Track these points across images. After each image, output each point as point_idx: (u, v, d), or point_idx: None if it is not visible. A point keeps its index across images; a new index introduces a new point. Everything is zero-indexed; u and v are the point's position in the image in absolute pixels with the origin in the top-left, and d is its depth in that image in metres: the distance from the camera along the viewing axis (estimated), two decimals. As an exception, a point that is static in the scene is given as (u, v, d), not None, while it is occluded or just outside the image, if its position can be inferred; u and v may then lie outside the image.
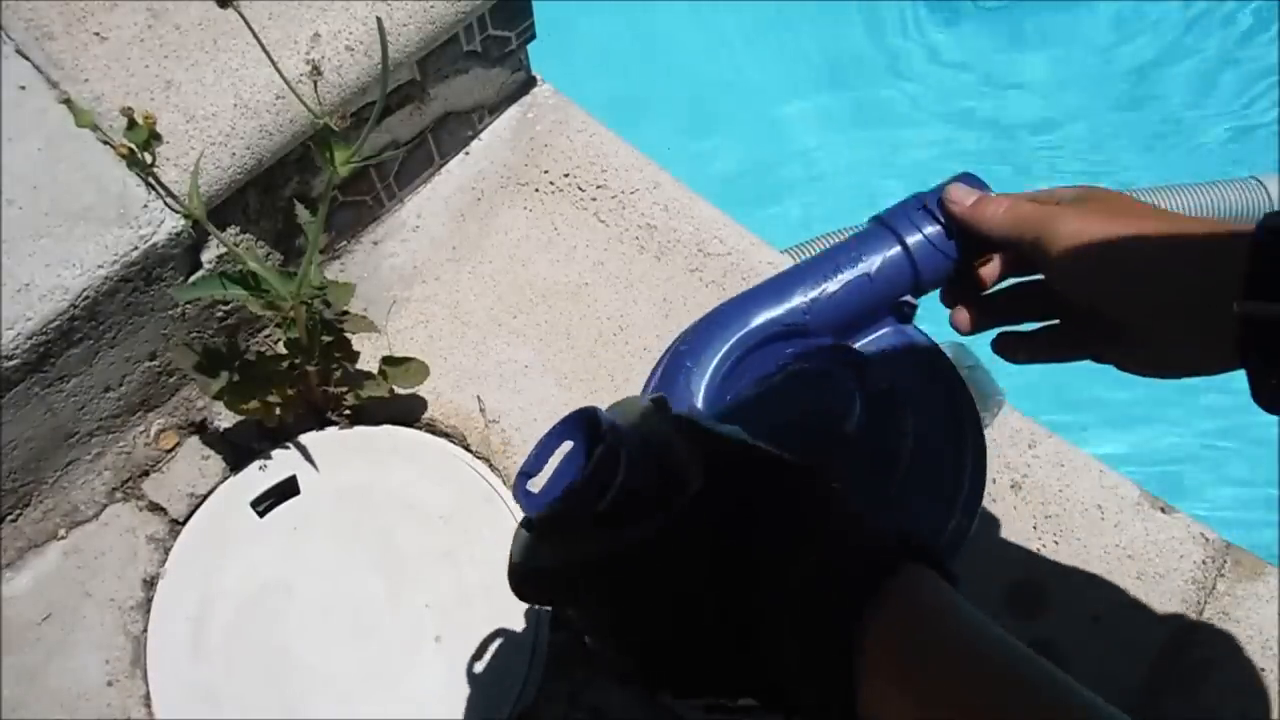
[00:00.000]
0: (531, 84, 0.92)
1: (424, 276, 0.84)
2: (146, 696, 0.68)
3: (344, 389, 0.74)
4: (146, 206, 0.66)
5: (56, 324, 0.64)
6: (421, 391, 0.77)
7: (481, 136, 0.91)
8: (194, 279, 0.70)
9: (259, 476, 0.74)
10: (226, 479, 0.75)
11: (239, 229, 0.73)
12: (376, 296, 0.83)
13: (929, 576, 0.34)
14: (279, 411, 0.72)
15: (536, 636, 0.69)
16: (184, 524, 0.73)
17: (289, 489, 0.74)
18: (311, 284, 0.63)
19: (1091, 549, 0.73)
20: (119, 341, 0.69)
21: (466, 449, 0.77)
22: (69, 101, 0.64)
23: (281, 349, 0.69)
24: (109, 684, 0.69)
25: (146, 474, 0.76)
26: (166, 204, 0.66)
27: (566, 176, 0.88)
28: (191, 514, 0.74)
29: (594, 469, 0.34)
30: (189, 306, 0.72)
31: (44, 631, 0.70)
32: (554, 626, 0.70)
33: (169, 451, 0.76)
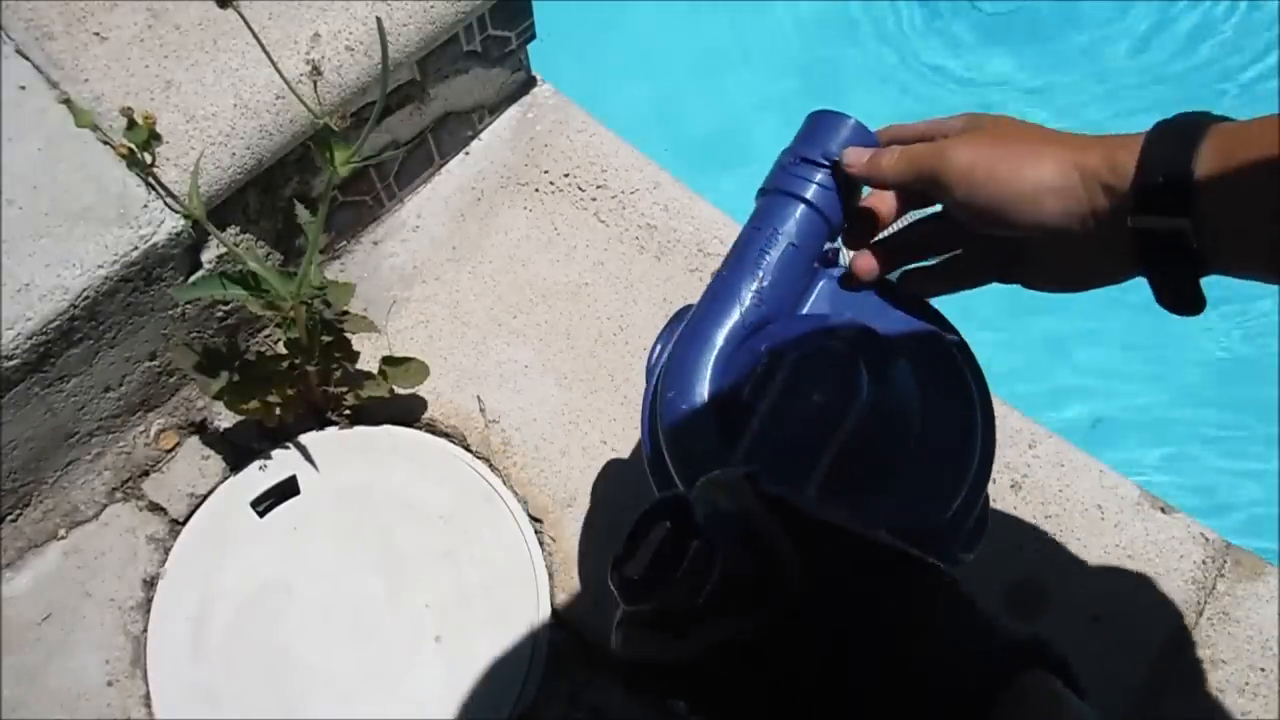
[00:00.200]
0: (531, 84, 0.92)
1: (424, 276, 0.84)
2: (146, 696, 0.68)
3: (344, 389, 0.74)
4: (146, 206, 0.66)
5: (56, 324, 0.64)
6: (421, 391, 0.77)
7: (481, 136, 0.91)
8: (194, 279, 0.70)
9: (259, 476, 0.74)
10: (226, 479, 0.75)
11: (239, 229, 0.73)
12: (376, 296, 0.83)
13: (1047, 684, 0.31)
14: (279, 411, 0.72)
15: (536, 636, 0.69)
16: (184, 524, 0.73)
17: (289, 489, 0.74)
18: (311, 284, 0.63)
19: (1091, 549, 0.73)
20: (119, 341, 0.69)
21: (466, 449, 0.77)
22: (69, 101, 0.64)
23: (281, 349, 0.69)
24: (109, 684, 0.69)
25: (146, 474, 0.76)
26: (166, 204, 0.66)
27: (566, 176, 0.88)
28: (191, 514, 0.74)
29: (691, 564, 0.33)
30: (189, 306, 0.72)
31: (44, 631, 0.70)
32: (554, 626, 0.70)
33: (169, 451, 0.76)
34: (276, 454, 0.75)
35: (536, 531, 0.73)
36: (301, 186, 0.77)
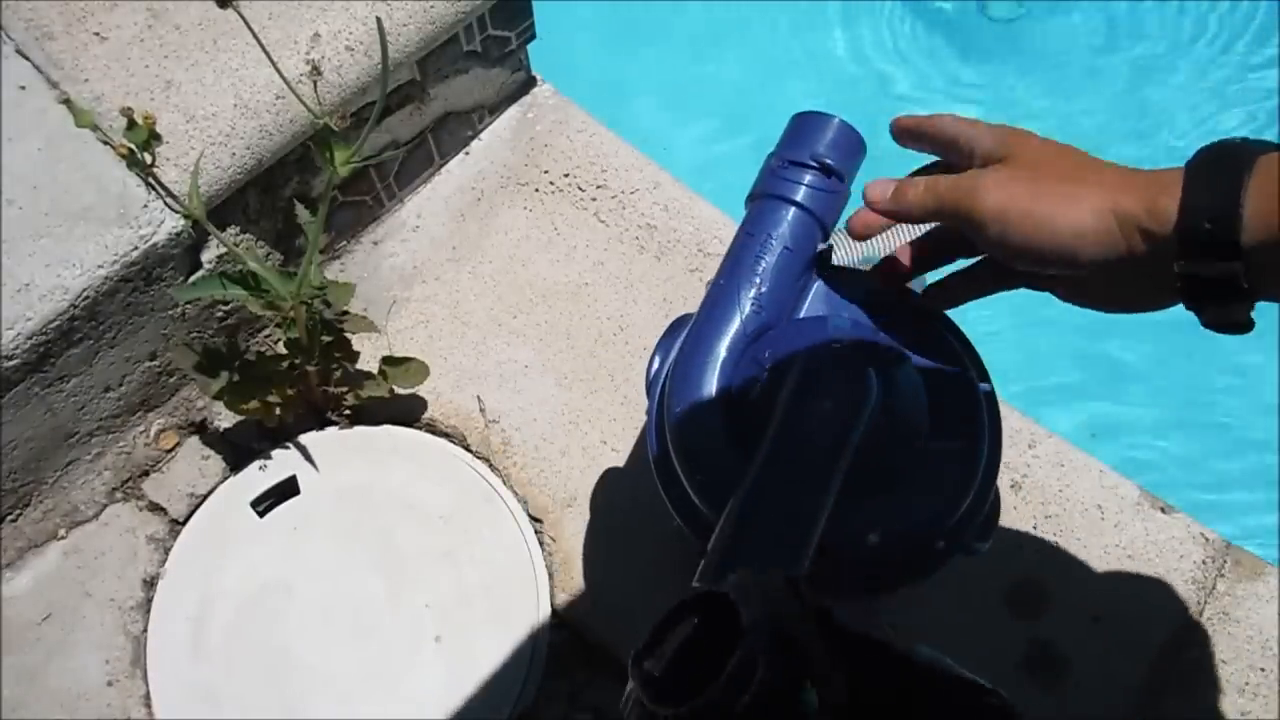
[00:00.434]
0: (531, 84, 0.92)
1: (424, 276, 0.84)
2: (146, 696, 0.68)
3: (344, 389, 0.74)
4: (146, 206, 0.66)
5: (56, 324, 0.64)
6: (421, 391, 0.77)
7: (481, 136, 0.91)
8: (194, 279, 0.70)
9: (259, 476, 0.74)
10: (226, 479, 0.75)
11: (239, 229, 0.73)
12: (376, 296, 0.83)
13: None
14: (279, 411, 0.72)
15: (536, 636, 0.69)
16: (184, 524, 0.73)
17: (289, 489, 0.74)
18: (311, 284, 0.63)
19: (1091, 549, 0.73)
20: (119, 341, 0.69)
21: (466, 449, 0.77)
22: (69, 101, 0.64)
23: (281, 349, 0.69)
24: (109, 684, 0.69)
25: (146, 474, 0.76)
26: (166, 204, 0.66)
27: (566, 176, 0.88)
28: (191, 514, 0.74)
29: (733, 671, 0.31)
30: (189, 306, 0.72)
31: (44, 631, 0.70)
32: (554, 626, 0.70)
33: (169, 451, 0.76)
34: (276, 454, 0.75)
35: (536, 531, 0.73)
36: (301, 186, 0.77)
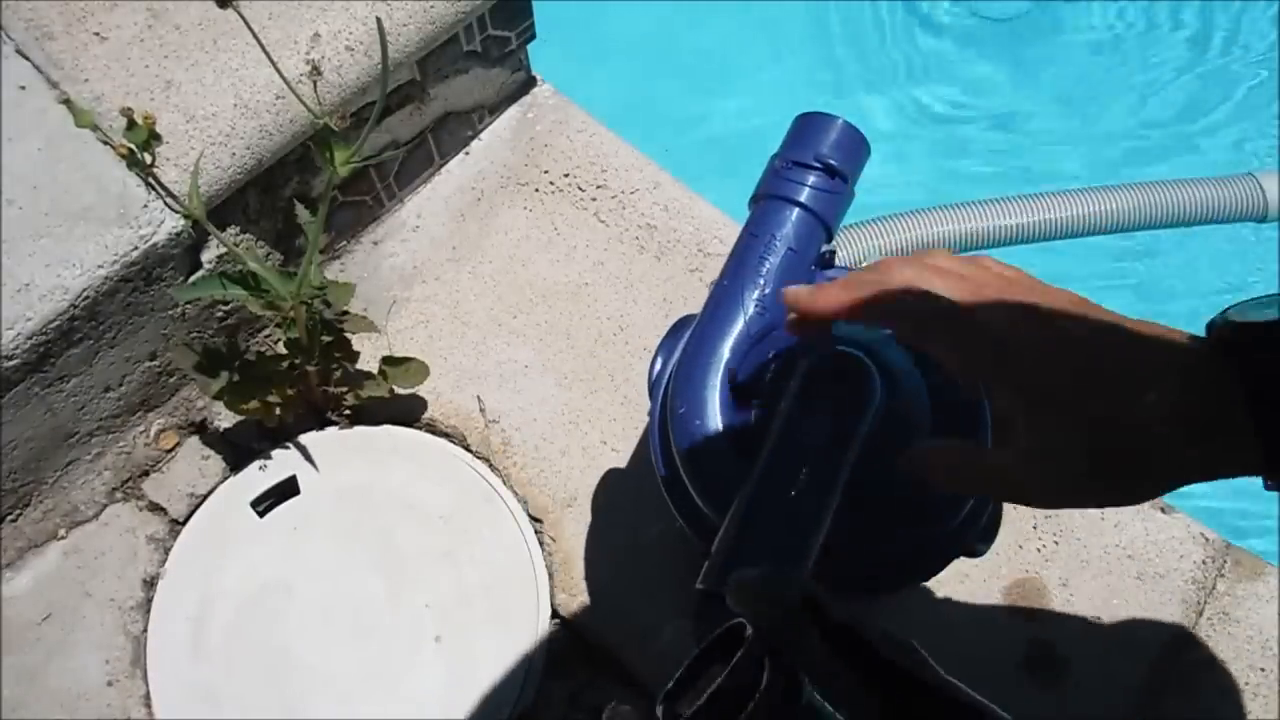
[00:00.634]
0: (531, 84, 0.92)
1: (424, 276, 0.84)
2: (146, 696, 0.68)
3: (344, 389, 0.74)
4: (146, 206, 0.66)
5: (56, 324, 0.64)
6: (421, 391, 0.77)
7: (481, 136, 0.91)
8: (194, 279, 0.70)
9: (259, 476, 0.74)
10: (226, 479, 0.75)
11: (239, 229, 0.73)
12: (376, 296, 0.83)
13: None
14: (279, 411, 0.72)
15: (536, 636, 0.69)
16: (184, 524, 0.73)
17: (289, 489, 0.74)
18: (311, 284, 0.63)
19: (1091, 549, 0.73)
20: (119, 341, 0.69)
21: (466, 449, 0.77)
22: (69, 101, 0.64)
23: (281, 349, 0.69)
24: (109, 684, 0.69)
25: (146, 474, 0.76)
26: (166, 204, 0.66)
27: (566, 176, 0.88)
28: (191, 514, 0.74)
29: (733, 672, 0.31)
30: (189, 306, 0.72)
31: (44, 631, 0.70)
32: (554, 626, 0.70)
33: (169, 451, 0.76)
34: (276, 454, 0.75)
35: (536, 531, 0.73)
36: (301, 186, 0.77)
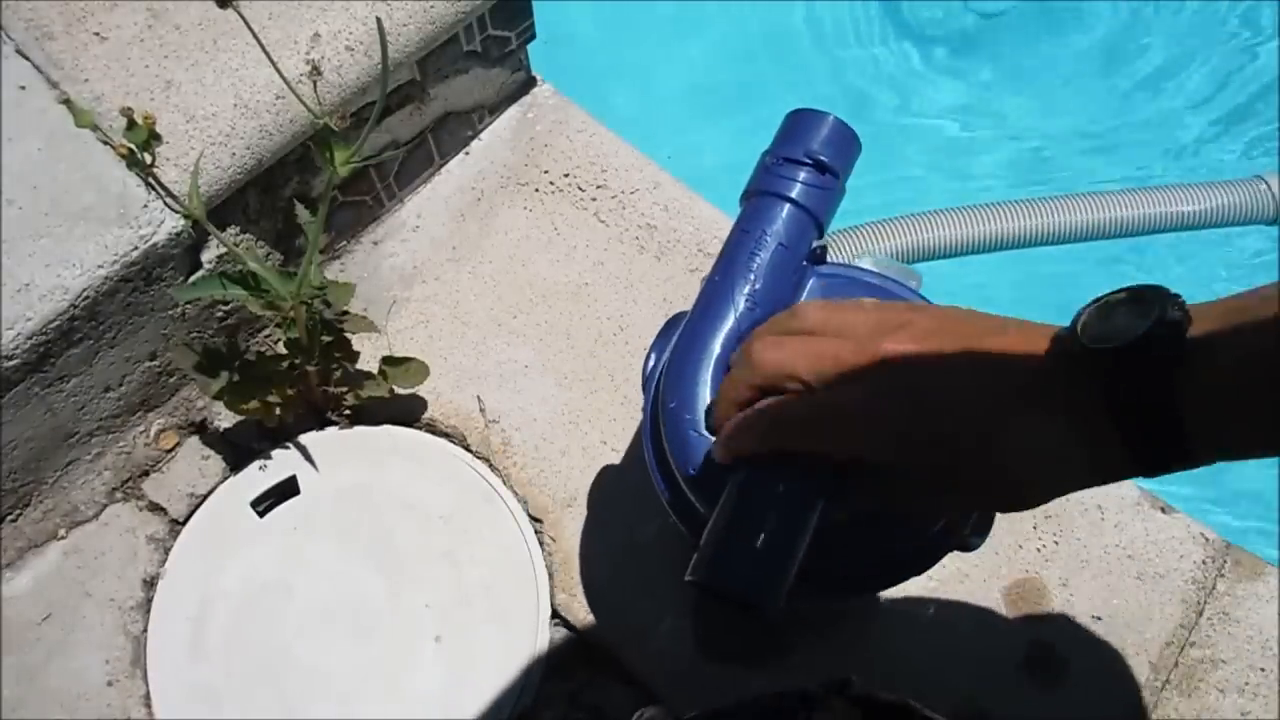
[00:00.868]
0: (531, 84, 0.92)
1: (424, 276, 0.84)
2: (146, 696, 0.68)
3: (344, 389, 0.74)
4: (146, 206, 0.66)
5: (56, 324, 0.64)
6: (421, 391, 0.77)
7: (481, 136, 0.91)
8: (194, 279, 0.70)
9: (259, 476, 0.74)
10: (226, 479, 0.75)
11: (239, 229, 0.73)
12: (376, 296, 0.83)
13: None
14: (279, 411, 0.72)
15: (536, 636, 0.69)
16: (184, 524, 0.73)
17: (289, 489, 0.74)
18: (311, 284, 0.63)
19: (1091, 549, 0.73)
20: (119, 341, 0.69)
21: (466, 449, 0.77)
22: (69, 101, 0.64)
23: (281, 349, 0.69)
24: (109, 684, 0.69)
25: (146, 474, 0.76)
26: (166, 204, 0.66)
27: (566, 176, 0.88)
28: (191, 514, 0.74)
29: None
30: (189, 306, 0.72)
31: (44, 631, 0.70)
32: (554, 626, 0.70)
33: (169, 451, 0.76)
34: (276, 454, 0.75)
35: (536, 531, 0.73)
36: (301, 186, 0.77)
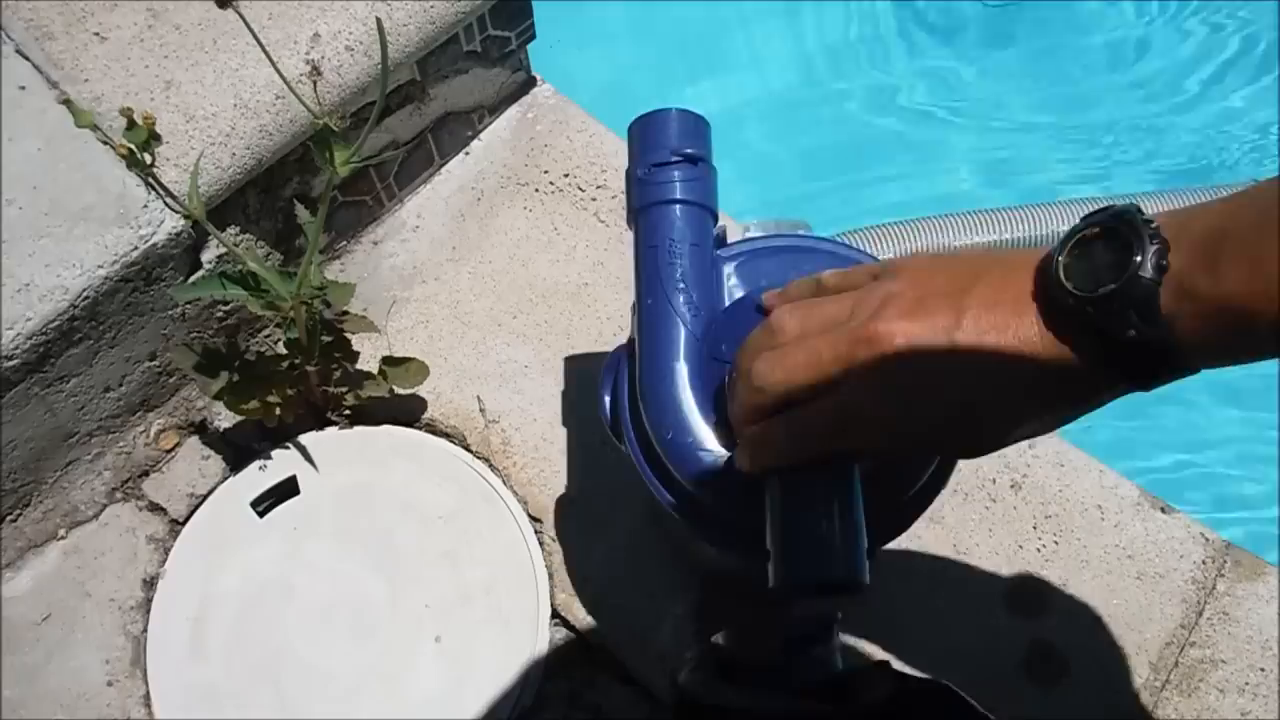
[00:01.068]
0: (531, 84, 0.92)
1: (424, 276, 0.84)
2: (146, 696, 0.68)
3: (344, 389, 0.74)
4: (146, 206, 0.66)
5: (56, 324, 0.64)
6: (421, 391, 0.77)
7: (481, 136, 0.91)
8: (194, 279, 0.70)
9: (259, 476, 0.74)
10: (226, 479, 0.75)
11: (239, 229, 0.73)
12: (376, 296, 0.83)
13: None
14: (279, 411, 0.72)
15: (536, 636, 0.69)
16: (184, 524, 0.73)
17: (289, 489, 0.74)
18: (311, 284, 0.63)
19: (1091, 549, 0.73)
20: (119, 341, 0.69)
21: (466, 449, 0.77)
22: (69, 101, 0.64)
23: (281, 349, 0.69)
24: (109, 684, 0.69)
25: (146, 474, 0.76)
26: (166, 204, 0.66)
27: (566, 176, 0.88)
28: (191, 514, 0.74)
29: None
30: (189, 306, 0.72)
31: (44, 631, 0.70)
32: (554, 626, 0.70)
33: (169, 451, 0.76)
34: (276, 454, 0.75)
35: (536, 531, 0.73)
36: (301, 186, 0.77)
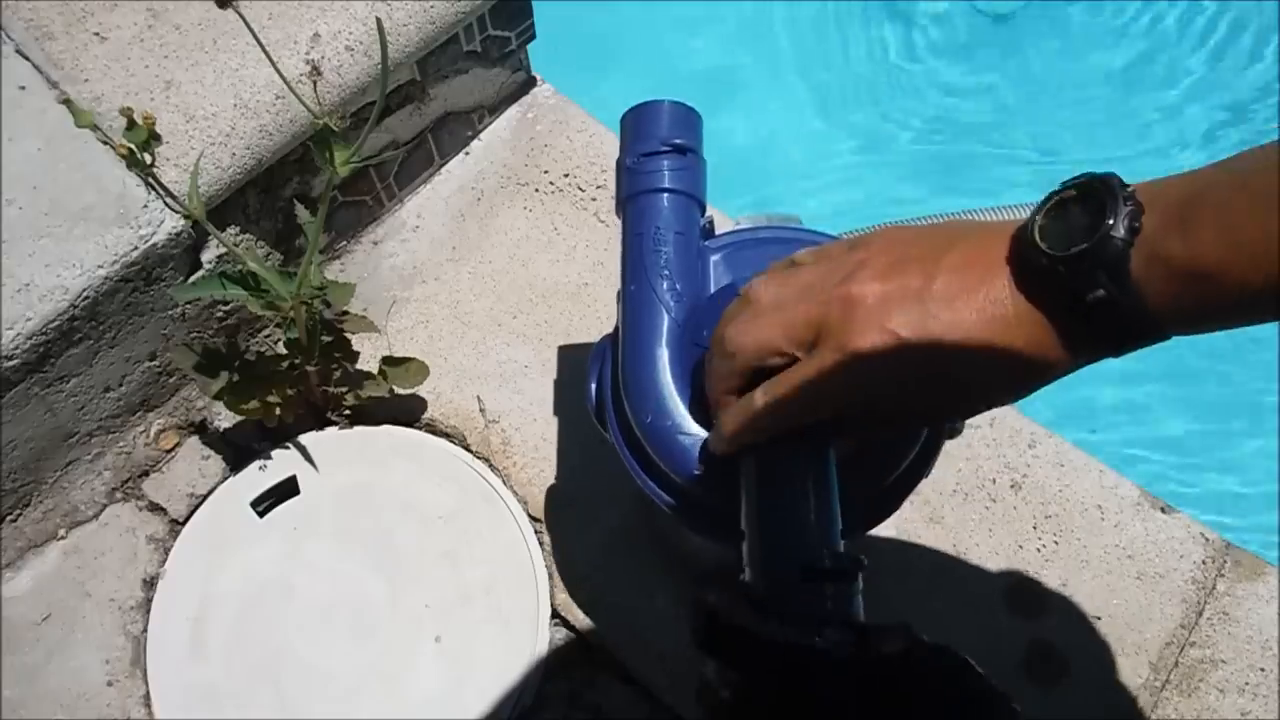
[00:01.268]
0: (531, 84, 0.92)
1: (424, 276, 0.84)
2: (146, 696, 0.68)
3: (344, 389, 0.74)
4: (146, 206, 0.66)
5: (56, 324, 0.64)
6: (421, 391, 0.77)
7: (481, 136, 0.91)
8: (194, 279, 0.70)
9: (259, 476, 0.74)
10: (226, 479, 0.75)
11: (239, 229, 0.73)
12: (376, 296, 0.83)
13: None
14: (279, 411, 0.72)
15: (536, 636, 0.69)
16: (184, 524, 0.73)
17: (289, 489, 0.74)
18: (311, 284, 0.63)
19: (1091, 549, 0.73)
20: (119, 341, 0.69)
21: (466, 449, 0.77)
22: (69, 101, 0.64)
23: (281, 349, 0.69)
24: (109, 684, 0.69)
25: (146, 474, 0.76)
26: (166, 204, 0.66)
27: (566, 176, 0.88)
28: (191, 514, 0.74)
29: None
30: (189, 306, 0.72)
31: (44, 631, 0.70)
32: (554, 626, 0.70)
33: (169, 451, 0.76)
34: (276, 454, 0.75)
35: (536, 531, 0.73)
36: (301, 186, 0.77)
